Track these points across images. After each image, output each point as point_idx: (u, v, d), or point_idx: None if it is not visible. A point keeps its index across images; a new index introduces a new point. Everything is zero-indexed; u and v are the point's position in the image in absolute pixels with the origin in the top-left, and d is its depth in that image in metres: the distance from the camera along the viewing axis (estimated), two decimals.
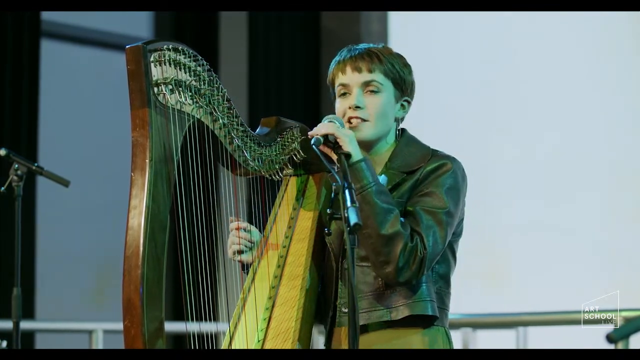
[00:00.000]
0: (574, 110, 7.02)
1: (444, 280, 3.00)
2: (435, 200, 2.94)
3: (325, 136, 2.89)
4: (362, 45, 3.06)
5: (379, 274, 2.90)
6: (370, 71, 3.01)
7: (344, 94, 3.03)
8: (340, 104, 3.03)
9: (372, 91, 3.02)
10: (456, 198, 2.97)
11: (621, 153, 6.83)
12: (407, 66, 3.07)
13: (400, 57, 3.07)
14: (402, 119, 3.10)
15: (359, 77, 3.01)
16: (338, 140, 2.89)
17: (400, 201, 2.96)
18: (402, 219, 2.89)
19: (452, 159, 3.01)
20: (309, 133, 2.94)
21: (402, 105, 3.08)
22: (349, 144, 2.89)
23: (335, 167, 2.85)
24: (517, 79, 7.22)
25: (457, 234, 3.03)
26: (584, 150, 6.93)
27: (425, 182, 2.97)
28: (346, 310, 2.87)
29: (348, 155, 2.88)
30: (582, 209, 6.89)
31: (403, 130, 3.11)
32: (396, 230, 2.85)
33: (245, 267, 3.14)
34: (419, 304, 2.92)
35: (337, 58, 3.07)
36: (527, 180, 7.09)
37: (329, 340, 3.05)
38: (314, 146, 2.87)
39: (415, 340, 2.94)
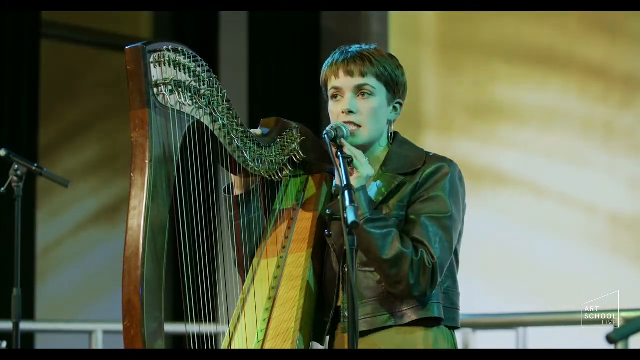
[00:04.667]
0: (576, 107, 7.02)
1: (451, 280, 3.00)
2: (438, 205, 2.93)
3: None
4: (355, 47, 3.05)
5: (394, 292, 2.91)
6: (362, 75, 3.00)
7: (336, 97, 3.04)
8: (333, 107, 3.04)
9: (364, 94, 3.01)
10: (457, 201, 2.97)
11: (618, 154, 6.83)
12: (399, 68, 3.06)
13: (392, 59, 3.06)
14: (394, 121, 3.10)
15: (351, 80, 3.01)
16: (355, 167, 2.90)
17: (401, 205, 2.96)
18: (401, 235, 2.89)
19: (449, 162, 3.01)
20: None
21: (394, 107, 3.07)
22: (361, 167, 2.90)
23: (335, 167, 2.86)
24: (517, 78, 7.21)
25: (459, 235, 3.03)
26: (583, 150, 6.93)
27: (425, 186, 2.96)
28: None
29: (350, 159, 2.89)
30: (582, 209, 6.89)
31: (395, 133, 3.11)
32: (398, 252, 2.86)
33: (242, 267, 3.13)
34: (425, 307, 2.93)
35: (329, 60, 3.06)
36: (528, 179, 7.09)
37: (331, 341, 3.04)
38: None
39: (417, 341, 2.94)
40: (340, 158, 2.83)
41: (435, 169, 2.98)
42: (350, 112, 3.00)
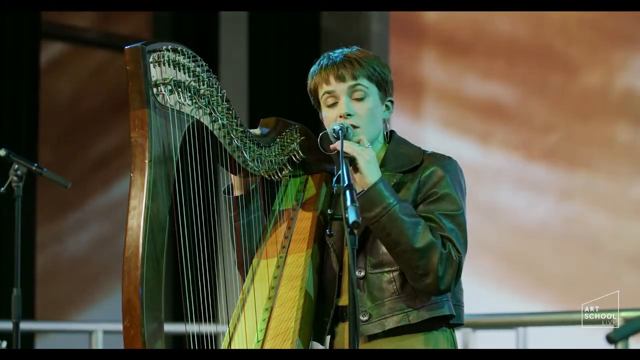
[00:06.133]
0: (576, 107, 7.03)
1: None
2: (450, 203, 2.94)
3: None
4: (339, 52, 3.06)
5: (417, 286, 2.89)
6: (354, 77, 3.01)
7: (331, 103, 3.04)
8: (329, 113, 3.04)
9: (359, 97, 3.02)
10: (463, 197, 2.99)
11: (618, 154, 6.83)
12: (386, 66, 3.08)
13: (377, 59, 3.08)
14: (389, 119, 3.11)
15: (343, 85, 3.01)
16: (357, 161, 2.88)
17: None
18: (430, 227, 2.88)
19: (449, 159, 3.02)
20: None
21: (386, 106, 3.09)
22: (367, 165, 2.88)
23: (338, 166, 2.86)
24: (517, 73, 7.22)
25: None
26: (582, 151, 6.93)
27: (429, 185, 2.96)
28: (364, 318, 2.90)
29: (352, 159, 2.88)
30: (582, 208, 6.90)
31: (392, 132, 3.12)
32: (429, 241, 2.85)
33: (242, 268, 3.13)
34: (437, 305, 2.92)
35: (315, 67, 3.07)
36: (529, 179, 7.09)
37: (331, 341, 3.04)
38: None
39: (418, 341, 2.94)
40: (342, 157, 2.83)
41: (436, 167, 2.98)
42: (349, 115, 3.00)
